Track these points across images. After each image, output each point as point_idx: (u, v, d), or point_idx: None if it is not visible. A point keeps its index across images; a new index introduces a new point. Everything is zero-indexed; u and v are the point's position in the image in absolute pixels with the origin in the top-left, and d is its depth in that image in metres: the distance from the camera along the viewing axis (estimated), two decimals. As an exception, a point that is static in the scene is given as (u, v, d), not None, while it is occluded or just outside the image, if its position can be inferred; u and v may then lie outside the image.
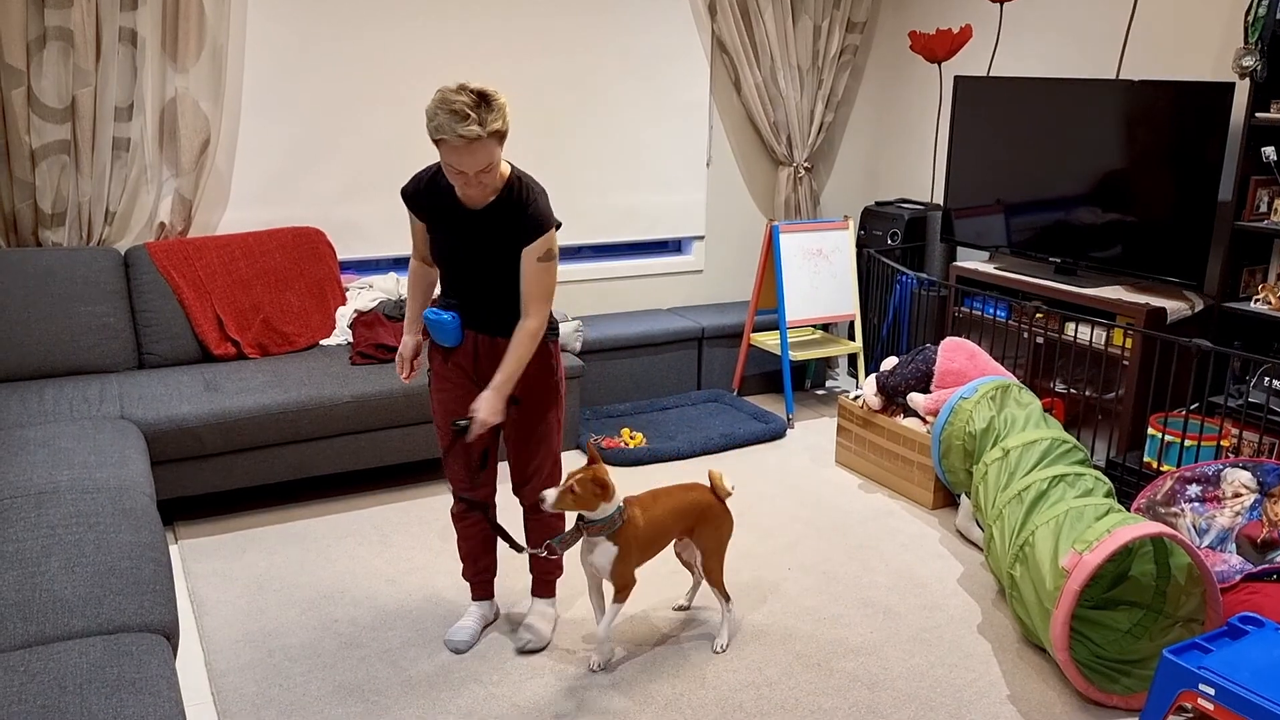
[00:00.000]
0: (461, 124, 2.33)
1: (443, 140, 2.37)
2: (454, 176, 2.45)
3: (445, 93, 2.36)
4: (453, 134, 2.33)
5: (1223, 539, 3.05)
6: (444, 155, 2.40)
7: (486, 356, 2.71)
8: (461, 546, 2.93)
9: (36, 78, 3.62)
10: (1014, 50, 4.72)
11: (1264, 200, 3.60)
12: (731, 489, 2.87)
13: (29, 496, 2.62)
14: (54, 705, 1.82)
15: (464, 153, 2.37)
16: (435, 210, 2.62)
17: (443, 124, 2.34)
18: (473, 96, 2.35)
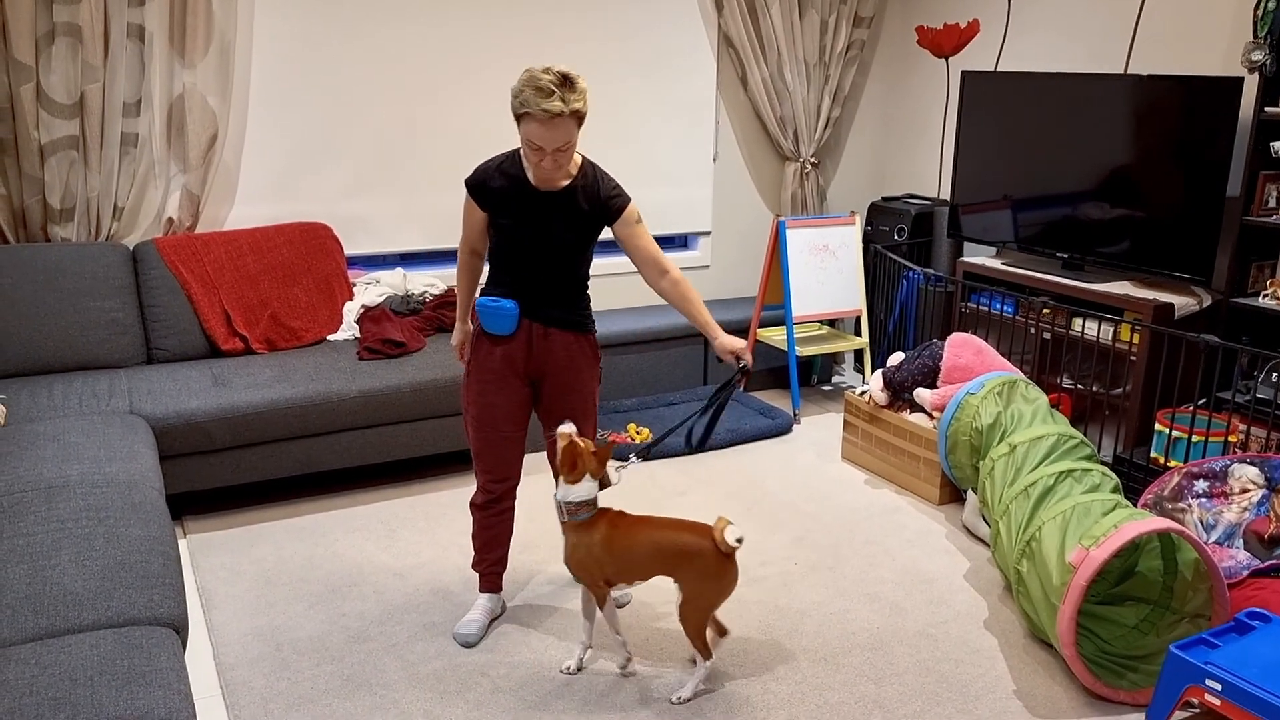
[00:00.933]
0: (546, 99, 2.44)
1: (527, 114, 2.47)
2: (533, 154, 2.54)
3: (532, 71, 2.48)
4: (537, 108, 2.44)
5: (1230, 534, 3.04)
6: (526, 132, 2.50)
7: (540, 347, 2.76)
8: (480, 536, 2.94)
9: (45, 73, 3.63)
10: (1021, 45, 4.71)
11: (1273, 195, 3.59)
12: (735, 543, 2.52)
13: (39, 491, 2.63)
14: (64, 698, 1.83)
15: (546, 127, 2.47)
16: (506, 196, 2.66)
17: (529, 98, 2.45)
18: (558, 76, 2.47)
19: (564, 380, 2.80)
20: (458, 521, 3.63)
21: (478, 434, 2.82)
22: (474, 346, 2.80)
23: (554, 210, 2.66)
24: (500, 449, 2.81)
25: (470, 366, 2.81)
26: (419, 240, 4.57)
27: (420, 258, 4.72)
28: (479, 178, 2.68)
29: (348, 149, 4.33)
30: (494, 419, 2.79)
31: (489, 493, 2.87)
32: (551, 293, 2.73)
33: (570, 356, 2.79)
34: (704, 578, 2.58)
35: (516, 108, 2.49)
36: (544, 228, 2.66)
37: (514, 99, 2.50)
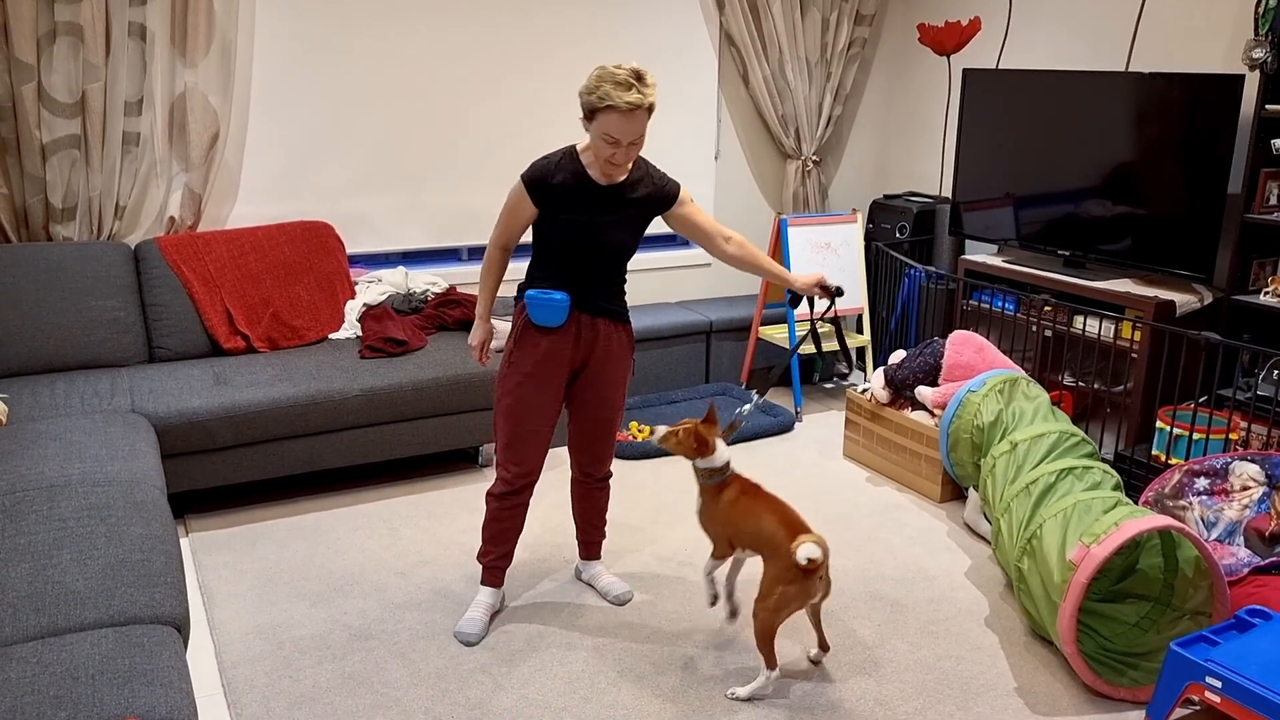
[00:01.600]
0: (626, 92, 2.52)
1: (608, 108, 2.53)
2: (607, 148, 2.60)
3: (605, 68, 2.56)
4: (620, 100, 2.52)
5: (1231, 532, 3.04)
6: (603, 125, 2.56)
7: (587, 336, 2.83)
8: (491, 527, 2.94)
9: (46, 73, 3.64)
10: (1023, 43, 4.70)
11: (1274, 193, 3.58)
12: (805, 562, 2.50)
13: (41, 490, 2.64)
14: (66, 696, 1.83)
15: (625, 120, 2.55)
16: (568, 192, 2.69)
17: (608, 92, 2.52)
18: (631, 71, 2.55)
19: (603, 370, 2.88)
20: (459, 519, 3.63)
21: (509, 426, 2.83)
22: (518, 339, 2.81)
23: (615, 204, 2.74)
24: (530, 442, 2.85)
25: (512, 358, 2.82)
26: (421, 239, 4.58)
27: (422, 256, 4.73)
28: (540, 174, 2.69)
29: (349, 147, 4.34)
30: (529, 413, 2.82)
31: (509, 484, 2.89)
32: (601, 284, 2.81)
33: (610, 347, 2.87)
34: (778, 578, 2.58)
35: (594, 102, 2.55)
36: (605, 222, 2.73)
37: (589, 95, 2.55)
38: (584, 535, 3.19)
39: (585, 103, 2.58)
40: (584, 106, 2.59)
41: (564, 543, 3.48)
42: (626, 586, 3.15)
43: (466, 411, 3.89)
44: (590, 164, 2.71)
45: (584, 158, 2.71)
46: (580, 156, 2.71)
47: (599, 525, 3.17)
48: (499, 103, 4.58)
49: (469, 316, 4.27)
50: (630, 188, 2.75)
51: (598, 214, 2.72)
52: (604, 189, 2.72)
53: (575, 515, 3.17)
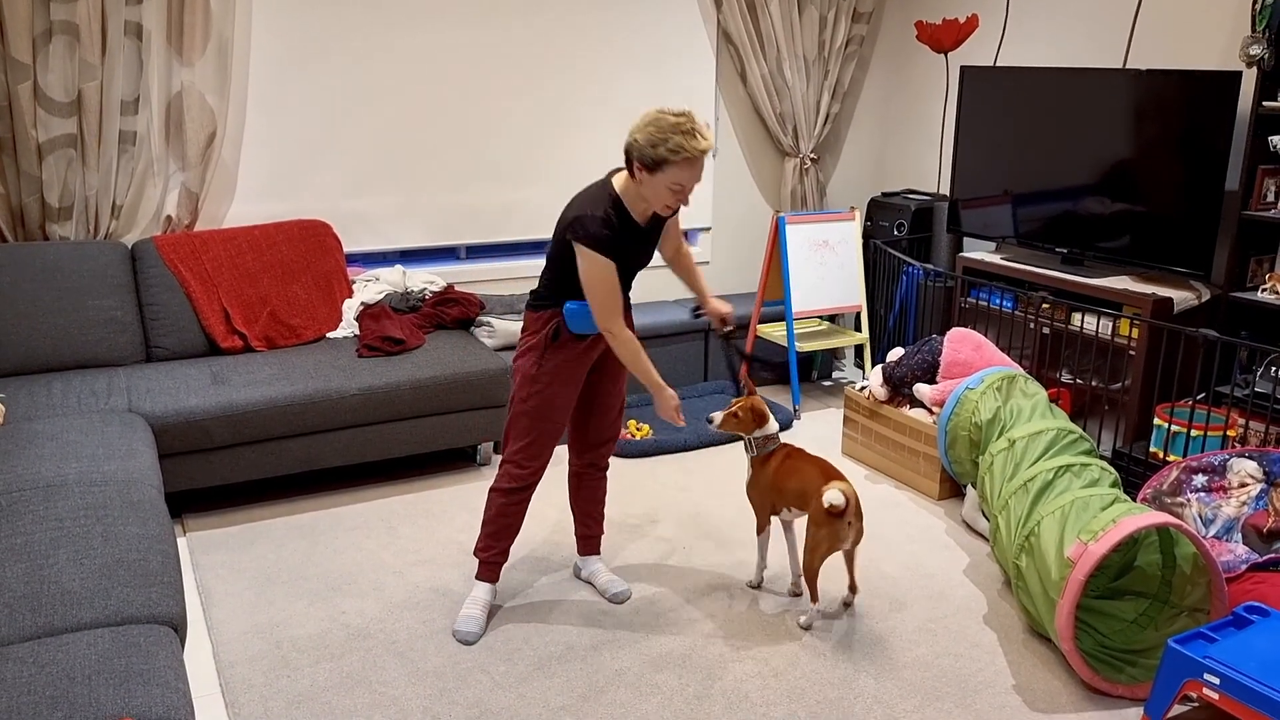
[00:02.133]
0: (699, 140, 2.55)
1: (683, 159, 2.54)
2: (672, 196, 2.62)
3: (663, 116, 2.56)
4: (694, 150, 2.54)
5: (1228, 529, 3.04)
6: (673, 176, 2.57)
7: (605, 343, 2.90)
8: (494, 522, 2.94)
9: (42, 72, 3.63)
10: (1021, 40, 4.70)
11: (1271, 190, 3.58)
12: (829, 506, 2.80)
13: (37, 489, 2.64)
14: (62, 696, 1.83)
15: (696, 167, 2.58)
16: (622, 240, 2.70)
17: (680, 144, 2.53)
18: (685, 116, 2.57)
19: (614, 367, 2.96)
20: (458, 519, 3.63)
21: (533, 424, 2.84)
22: (553, 347, 2.80)
23: (650, 235, 2.82)
24: (550, 439, 2.89)
25: (543, 363, 2.80)
26: (419, 237, 4.57)
27: (420, 255, 4.72)
28: (606, 236, 2.63)
29: (346, 146, 4.33)
30: (554, 411, 2.85)
31: (519, 480, 2.90)
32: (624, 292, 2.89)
33: None
34: (814, 523, 2.90)
35: (664, 155, 2.53)
36: (642, 254, 2.83)
37: (655, 148, 2.53)
38: (583, 530, 3.19)
39: (649, 155, 2.55)
40: (646, 159, 2.56)
41: (561, 540, 3.48)
42: (625, 584, 3.15)
43: (464, 410, 3.89)
44: (633, 207, 2.71)
45: (626, 202, 2.70)
46: (623, 201, 2.70)
47: (599, 518, 3.18)
48: (496, 101, 4.58)
49: (466, 315, 4.27)
50: (659, 218, 2.82)
51: (640, 249, 2.81)
52: (643, 229, 2.78)
53: (575, 509, 3.17)
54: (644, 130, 2.56)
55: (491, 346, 4.19)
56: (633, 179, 2.65)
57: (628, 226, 2.72)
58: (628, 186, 2.69)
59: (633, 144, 2.58)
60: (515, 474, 2.89)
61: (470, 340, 4.12)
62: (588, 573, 3.21)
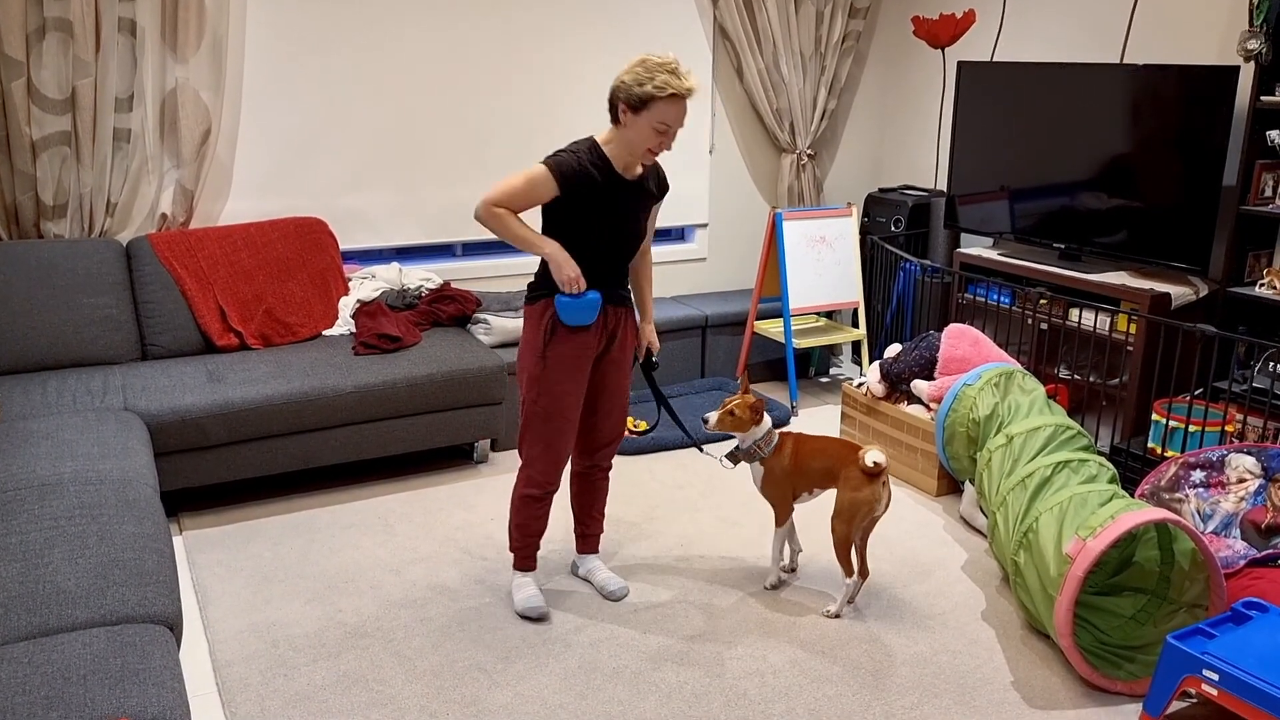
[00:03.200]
0: (683, 78, 2.58)
1: (670, 95, 2.57)
2: (655, 138, 2.63)
3: (650, 58, 2.59)
4: (680, 87, 2.57)
5: (1227, 524, 3.04)
6: (659, 114, 2.59)
7: (610, 327, 2.87)
8: (530, 526, 2.98)
9: (36, 69, 3.61)
10: (1018, 35, 4.69)
11: (1269, 184, 3.58)
12: (872, 464, 2.90)
13: (32, 488, 2.62)
14: (58, 696, 1.82)
15: (680, 107, 2.61)
16: (599, 188, 2.69)
17: (667, 80, 2.56)
18: (675, 60, 2.60)
19: (619, 356, 2.93)
20: (455, 516, 3.62)
21: (549, 426, 2.83)
22: (552, 342, 2.79)
23: (636, 196, 2.79)
24: (569, 438, 2.88)
25: (545, 359, 2.79)
26: (415, 234, 4.56)
27: (416, 252, 4.71)
28: (574, 167, 2.66)
29: (342, 143, 4.32)
30: (564, 408, 2.83)
31: (544, 486, 2.90)
32: (619, 274, 2.86)
33: (625, 332, 2.92)
34: (850, 489, 2.95)
35: (651, 93, 2.56)
36: (626, 215, 2.77)
37: (642, 86, 2.56)
38: (582, 528, 3.18)
39: (637, 94, 2.57)
40: (632, 98, 2.58)
41: (561, 537, 3.47)
42: (622, 582, 3.14)
43: (461, 408, 3.88)
44: (615, 157, 2.71)
45: (608, 150, 2.71)
46: (604, 150, 2.71)
47: (598, 517, 3.17)
48: (493, 97, 4.57)
49: (463, 312, 4.26)
50: (645, 179, 2.80)
51: (624, 207, 2.76)
52: (628, 183, 2.74)
53: (575, 508, 3.16)
54: (630, 71, 2.60)
55: (488, 343, 4.18)
56: (617, 124, 2.67)
57: (608, 174, 2.69)
58: (611, 135, 2.71)
59: (619, 85, 2.61)
60: (539, 480, 2.90)
61: (467, 337, 4.11)
62: (585, 570, 3.21)
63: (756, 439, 3.04)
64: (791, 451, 3.06)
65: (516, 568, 3.05)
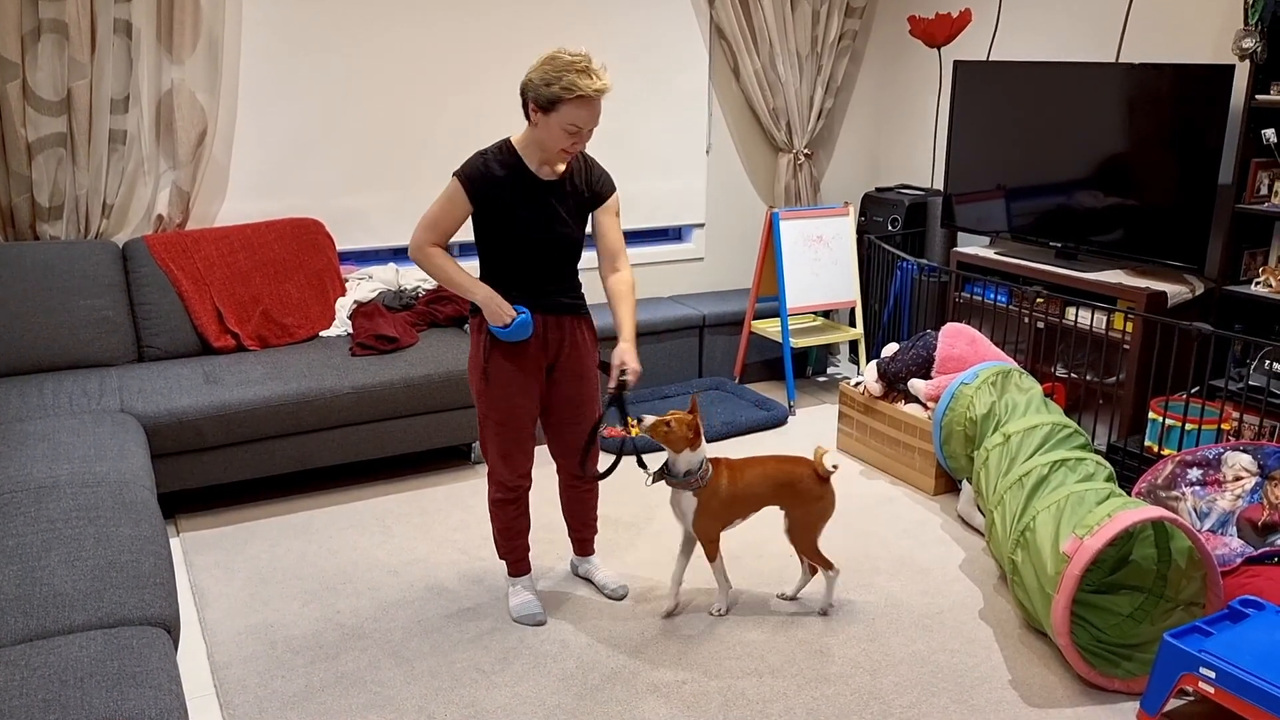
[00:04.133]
0: (592, 79, 2.49)
1: (577, 97, 2.48)
2: (567, 139, 2.55)
3: (560, 55, 2.49)
4: (588, 89, 2.48)
5: (1224, 522, 3.04)
6: (567, 116, 2.51)
7: (553, 336, 2.79)
8: (506, 531, 2.96)
9: (31, 70, 3.61)
10: (1014, 34, 4.69)
11: (1264, 183, 3.58)
12: (833, 468, 2.88)
13: (29, 491, 2.62)
14: (54, 699, 1.82)
15: (591, 108, 2.52)
16: (507, 187, 2.63)
17: (573, 81, 2.47)
18: (583, 56, 2.50)
19: (572, 366, 2.85)
20: (453, 517, 3.62)
21: (503, 438, 2.81)
22: (490, 359, 2.74)
23: (555, 197, 2.69)
24: (525, 447, 2.85)
25: (488, 374, 2.75)
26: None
27: (412, 253, 4.70)
28: (477, 170, 2.62)
29: (339, 143, 4.31)
30: (518, 421, 2.80)
31: (514, 490, 2.89)
32: (555, 281, 2.76)
33: (575, 342, 2.84)
34: (807, 503, 2.91)
35: (557, 94, 2.48)
36: (548, 216, 2.68)
37: (548, 86, 2.48)
38: (577, 533, 3.18)
39: (543, 95, 2.49)
40: (540, 99, 2.50)
41: (556, 538, 3.47)
42: (622, 581, 3.14)
43: (459, 408, 3.88)
44: (529, 157, 2.65)
45: (522, 151, 2.65)
46: (517, 149, 2.65)
47: (590, 523, 3.17)
48: (489, 97, 4.56)
49: (460, 313, 4.25)
50: (569, 179, 2.71)
51: (543, 208, 2.67)
52: (544, 182, 2.67)
53: (566, 516, 3.16)
54: (539, 70, 2.51)
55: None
56: (529, 122, 2.58)
57: (520, 174, 2.63)
58: (525, 135, 2.64)
59: (527, 83, 2.52)
60: (505, 484, 2.88)
61: (464, 338, 4.11)
62: (584, 570, 3.21)
63: (691, 466, 2.81)
64: (728, 480, 2.87)
65: (510, 574, 3.05)
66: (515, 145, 2.66)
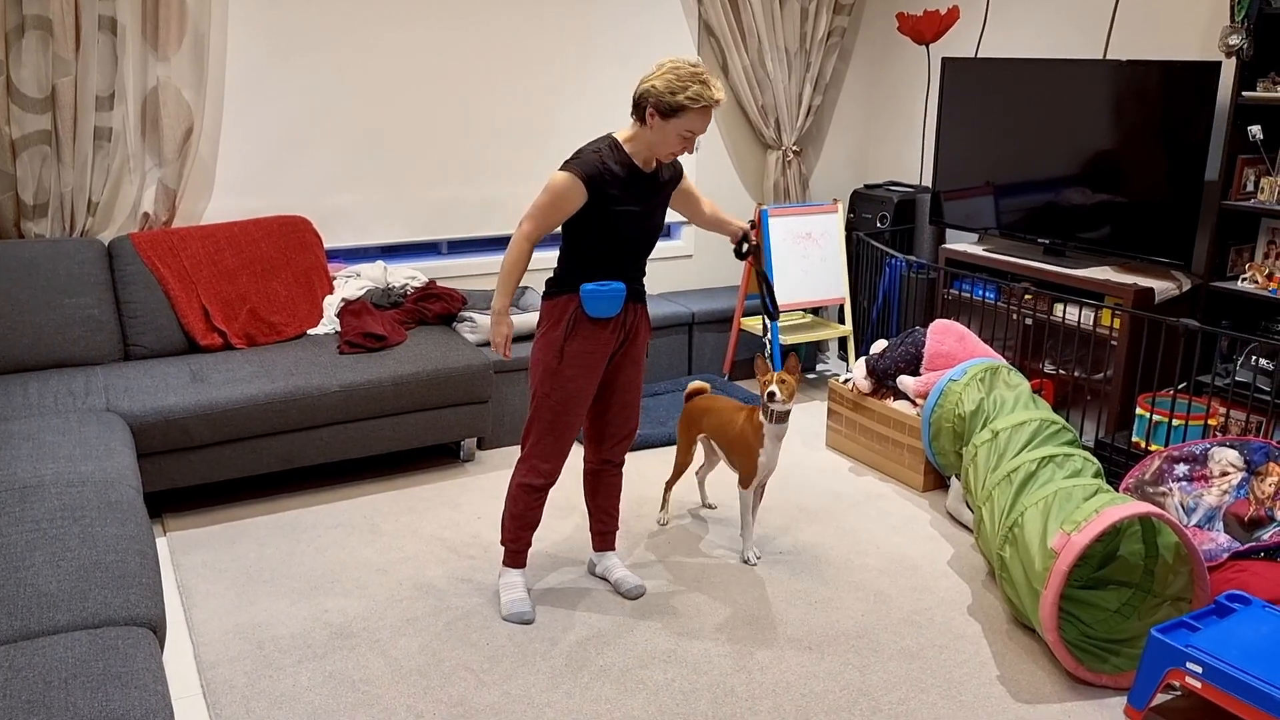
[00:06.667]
0: (715, 91, 2.64)
1: (700, 107, 2.62)
2: (680, 143, 2.68)
3: (682, 66, 2.63)
4: (710, 99, 2.62)
5: (1210, 517, 3.05)
6: (686, 123, 2.64)
7: (629, 322, 2.90)
8: (524, 516, 2.97)
9: (15, 67, 3.58)
10: (1002, 31, 4.70)
11: (1250, 179, 3.60)
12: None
13: (13, 491, 2.60)
14: (39, 700, 1.81)
15: (708, 116, 2.67)
16: (622, 184, 2.73)
17: (699, 92, 2.61)
18: (703, 68, 2.65)
19: (634, 352, 2.95)
20: (441, 515, 3.61)
21: (559, 419, 2.84)
22: (572, 334, 2.80)
23: (656, 189, 2.82)
24: (574, 432, 2.90)
25: (564, 354, 2.80)
26: (400, 233, 4.54)
27: (401, 250, 4.69)
28: (595, 169, 2.69)
29: (326, 141, 4.30)
30: (576, 404, 2.85)
31: (546, 476, 2.91)
32: (635, 268, 2.88)
33: (640, 329, 2.95)
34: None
35: (683, 102, 2.60)
36: (650, 207, 2.82)
37: (674, 95, 2.60)
38: (599, 525, 3.18)
39: (666, 102, 2.61)
40: (663, 105, 2.62)
41: (544, 536, 3.46)
42: (639, 580, 3.15)
43: (447, 406, 3.87)
44: (635, 154, 2.75)
45: (629, 148, 2.75)
46: (625, 148, 2.75)
47: (614, 513, 3.18)
48: (477, 95, 4.55)
49: (448, 310, 4.24)
50: (659, 170, 2.83)
51: (647, 201, 2.80)
52: (649, 176, 2.78)
53: (591, 506, 3.16)
54: (662, 78, 2.62)
55: (474, 342, 4.16)
56: (642, 125, 2.69)
57: (630, 169, 2.74)
58: (633, 134, 2.74)
59: (649, 90, 2.64)
60: (542, 469, 2.90)
61: (452, 336, 4.10)
62: (603, 568, 3.21)
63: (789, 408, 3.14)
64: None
65: (507, 564, 3.04)
66: (622, 142, 2.75)
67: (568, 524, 3.56)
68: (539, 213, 2.72)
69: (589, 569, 3.26)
